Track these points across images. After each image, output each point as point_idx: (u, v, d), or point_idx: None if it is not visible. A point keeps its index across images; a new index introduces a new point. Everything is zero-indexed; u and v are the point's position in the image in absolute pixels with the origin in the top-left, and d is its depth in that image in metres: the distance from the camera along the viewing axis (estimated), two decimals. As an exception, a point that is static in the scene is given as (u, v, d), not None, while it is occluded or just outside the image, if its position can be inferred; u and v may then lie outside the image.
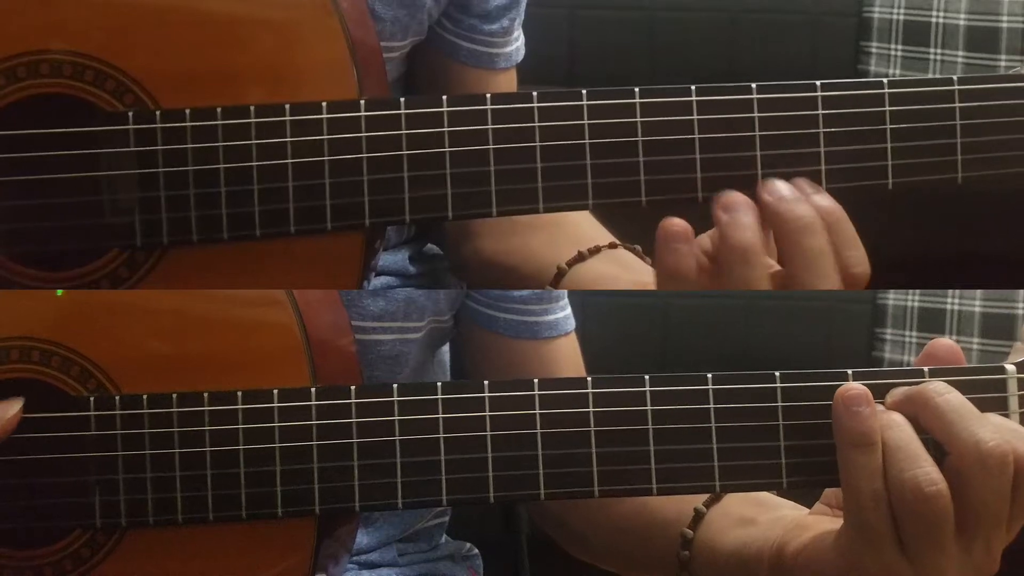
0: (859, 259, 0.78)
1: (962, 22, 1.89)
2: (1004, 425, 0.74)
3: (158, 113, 0.77)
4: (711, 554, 0.86)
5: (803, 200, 0.77)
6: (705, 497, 0.88)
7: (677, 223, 0.77)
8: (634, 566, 0.96)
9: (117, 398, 0.77)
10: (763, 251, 0.77)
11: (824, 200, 0.78)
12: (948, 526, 0.73)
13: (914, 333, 1.86)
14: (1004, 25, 1.89)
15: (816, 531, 0.79)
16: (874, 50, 1.91)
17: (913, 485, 0.72)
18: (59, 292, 0.78)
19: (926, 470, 0.73)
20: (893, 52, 1.91)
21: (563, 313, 1.05)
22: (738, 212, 0.77)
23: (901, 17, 1.91)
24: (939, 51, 1.91)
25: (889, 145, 0.79)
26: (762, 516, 0.84)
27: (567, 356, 1.05)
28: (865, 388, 0.75)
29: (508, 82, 1.08)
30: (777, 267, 0.78)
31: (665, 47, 1.86)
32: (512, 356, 1.03)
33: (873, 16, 1.92)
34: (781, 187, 0.78)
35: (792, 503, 0.86)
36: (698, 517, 0.87)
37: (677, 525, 0.88)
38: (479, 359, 1.05)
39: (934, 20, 1.90)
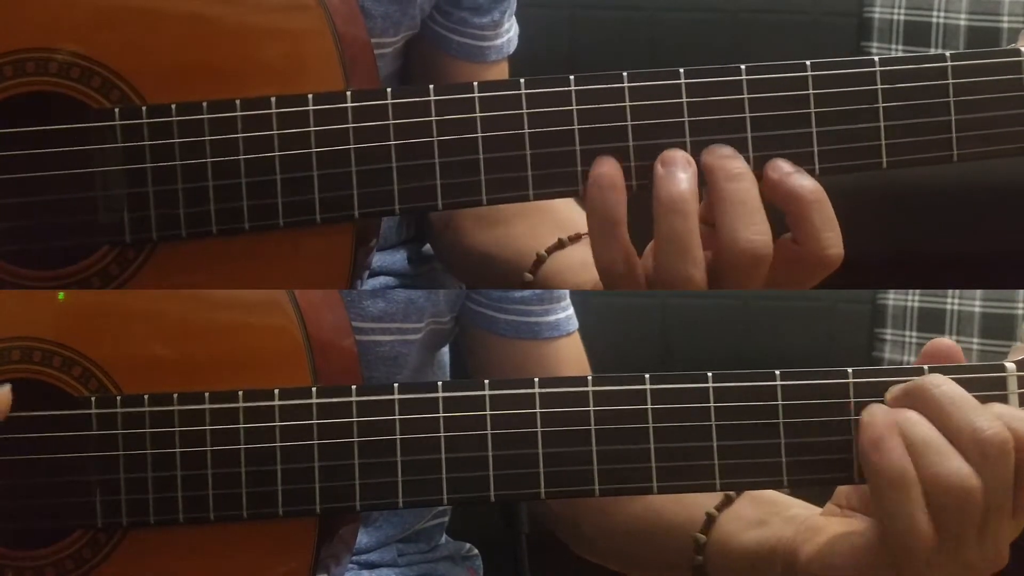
0: (834, 240, 0.77)
1: (963, 22, 1.89)
2: (1005, 412, 0.74)
3: (144, 109, 0.77)
4: (724, 557, 0.86)
5: (738, 157, 0.78)
6: (716, 501, 0.87)
7: (606, 163, 0.77)
8: (646, 568, 0.95)
9: (118, 398, 0.77)
10: (693, 203, 0.77)
11: (804, 179, 0.78)
12: (978, 519, 0.73)
13: (914, 333, 1.86)
14: (1004, 25, 1.89)
15: (829, 534, 0.79)
16: (874, 50, 1.91)
17: (958, 479, 0.72)
18: (60, 296, 0.78)
19: (961, 463, 0.72)
20: (893, 52, 1.91)
21: (564, 314, 1.05)
22: (675, 166, 0.77)
23: (902, 17, 1.91)
24: (940, 51, 1.90)
25: (882, 124, 0.79)
26: (774, 517, 0.84)
27: (571, 357, 1.04)
28: (889, 420, 0.74)
29: (499, 74, 1.08)
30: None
31: (665, 47, 1.86)
32: (514, 358, 1.03)
33: (874, 16, 1.92)
34: (722, 147, 0.78)
35: (803, 503, 0.86)
36: (710, 521, 0.87)
37: (688, 528, 0.88)
38: (481, 362, 1.05)
39: (935, 20, 1.90)
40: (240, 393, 0.77)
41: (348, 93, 0.78)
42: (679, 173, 0.77)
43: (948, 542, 0.73)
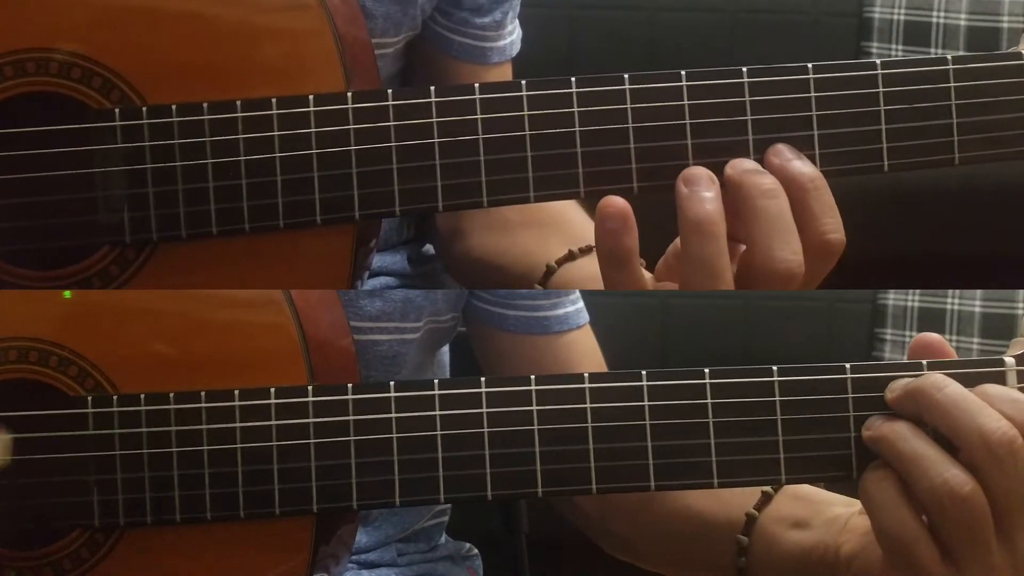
0: (835, 225, 0.77)
1: (963, 22, 1.89)
2: (1006, 401, 0.74)
3: (144, 109, 0.77)
4: (768, 560, 0.86)
5: (766, 172, 0.77)
6: (755, 500, 0.87)
7: (614, 203, 0.76)
8: (685, 569, 0.95)
9: (115, 397, 0.77)
10: (721, 225, 0.76)
11: (804, 166, 0.78)
12: (989, 523, 0.72)
13: (914, 333, 1.85)
14: (1004, 25, 1.89)
15: (865, 536, 0.79)
16: (875, 50, 1.91)
17: (948, 490, 0.72)
18: (67, 294, 0.78)
19: (954, 472, 0.72)
20: (894, 52, 1.91)
21: (574, 307, 1.04)
22: (698, 186, 0.77)
23: (902, 17, 1.91)
24: (940, 51, 1.91)
25: (884, 127, 0.79)
26: (816, 518, 0.84)
27: (584, 350, 1.04)
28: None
29: (502, 77, 1.07)
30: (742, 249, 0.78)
31: (665, 47, 1.86)
32: (525, 353, 1.02)
33: (874, 16, 1.92)
34: (745, 161, 0.78)
35: (843, 498, 0.85)
36: (750, 522, 0.87)
37: (728, 529, 0.88)
38: (492, 360, 1.05)
39: (935, 20, 1.90)
40: (236, 392, 0.77)
41: (349, 94, 0.78)
42: (704, 192, 0.77)
43: (967, 552, 0.73)
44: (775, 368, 0.77)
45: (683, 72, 0.78)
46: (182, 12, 0.78)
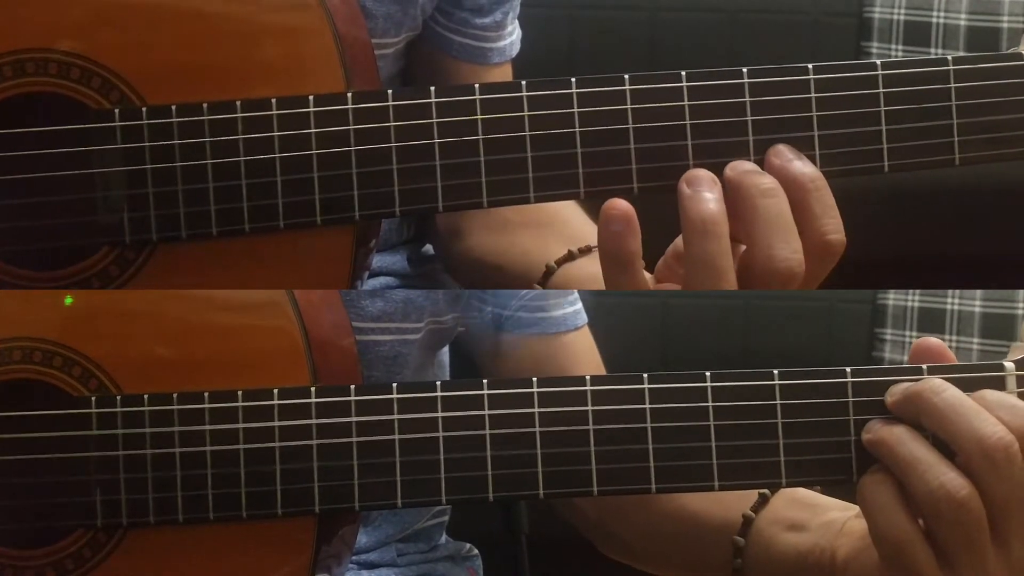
0: (836, 226, 0.77)
1: (963, 22, 1.90)
2: (1004, 407, 0.74)
3: (144, 110, 0.77)
4: (763, 562, 0.86)
5: (765, 173, 0.78)
6: (752, 501, 0.87)
7: (618, 205, 0.76)
8: (682, 569, 0.95)
9: (118, 398, 0.77)
10: (725, 225, 0.76)
11: (805, 166, 0.78)
12: (985, 527, 0.72)
13: (914, 333, 1.86)
14: (1004, 25, 1.89)
15: (862, 540, 0.79)
16: (874, 50, 1.92)
17: (944, 494, 0.72)
18: (68, 300, 0.78)
19: (951, 476, 0.72)
20: (893, 52, 1.91)
21: (572, 308, 1.04)
22: (701, 186, 0.77)
23: (902, 17, 1.91)
24: (940, 51, 1.91)
25: (884, 128, 0.79)
26: (812, 521, 0.84)
27: (581, 351, 1.04)
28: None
29: (502, 77, 1.07)
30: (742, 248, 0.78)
31: (665, 47, 1.87)
32: (522, 354, 1.03)
33: (874, 16, 1.92)
34: (744, 163, 0.78)
35: (839, 503, 0.85)
36: (747, 523, 0.87)
37: (725, 530, 0.88)
38: (490, 361, 1.05)
39: (935, 20, 1.91)
40: (239, 393, 0.77)
41: (349, 94, 0.78)
42: (706, 193, 0.77)
43: (963, 556, 0.73)
44: (776, 372, 0.77)
45: (683, 72, 0.78)
46: (182, 12, 0.78)
